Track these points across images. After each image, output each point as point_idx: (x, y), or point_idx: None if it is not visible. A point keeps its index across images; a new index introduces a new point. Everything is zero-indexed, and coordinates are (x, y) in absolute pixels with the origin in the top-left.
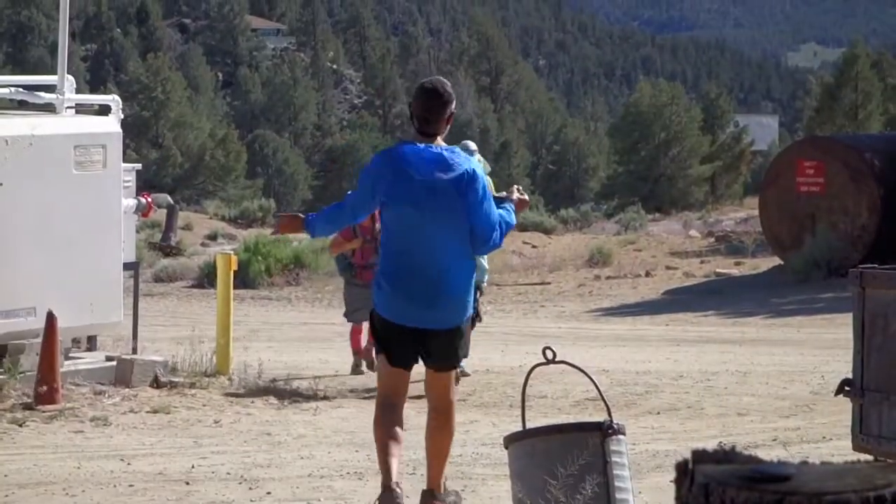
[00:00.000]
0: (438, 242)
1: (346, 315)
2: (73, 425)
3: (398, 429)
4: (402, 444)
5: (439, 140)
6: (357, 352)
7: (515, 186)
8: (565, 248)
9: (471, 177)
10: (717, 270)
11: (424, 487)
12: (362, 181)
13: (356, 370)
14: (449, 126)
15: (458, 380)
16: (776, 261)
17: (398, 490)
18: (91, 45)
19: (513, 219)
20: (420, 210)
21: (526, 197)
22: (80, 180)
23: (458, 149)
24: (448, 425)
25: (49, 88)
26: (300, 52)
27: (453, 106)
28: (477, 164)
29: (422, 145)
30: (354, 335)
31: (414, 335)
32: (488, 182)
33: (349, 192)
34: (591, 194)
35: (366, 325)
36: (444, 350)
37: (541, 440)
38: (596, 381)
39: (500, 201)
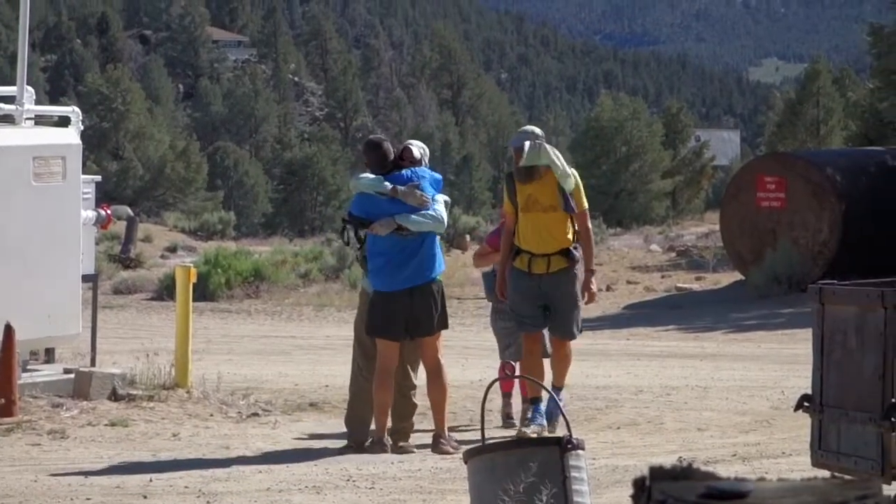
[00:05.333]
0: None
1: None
2: (30, 438)
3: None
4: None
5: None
6: (508, 393)
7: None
8: None
9: (430, 175)
10: (678, 285)
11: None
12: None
13: (506, 420)
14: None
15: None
16: (737, 276)
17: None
18: (51, 56)
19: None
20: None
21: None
22: (39, 192)
23: (415, 169)
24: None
25: (8, 99)
26: (261, 64)
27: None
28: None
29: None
30: (502, 371)
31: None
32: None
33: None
34: None
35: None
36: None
37: (500, 455)
38: (556, 396)
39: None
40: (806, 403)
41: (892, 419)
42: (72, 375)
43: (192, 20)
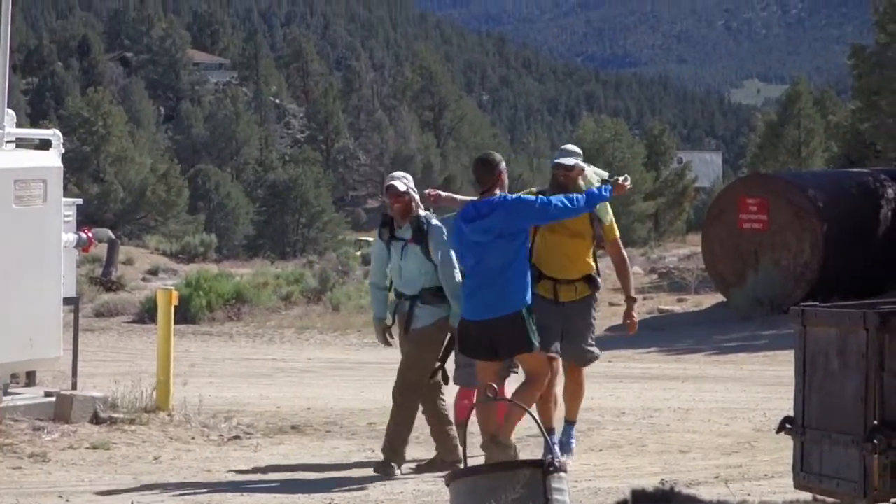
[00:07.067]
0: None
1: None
2: (11, 461)
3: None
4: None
5: (495, 191)
6: (462, 424)
7: (625, 175)
8: None
9: (512, 202)
10: (660, 307)
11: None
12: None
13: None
14: (500, 181)
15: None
16: (719, 297)
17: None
18: (32, 79)
19: (605, 193)
20: (470, 247)
21: (627, 185)
22: (20, 215)
23: (504, 195)
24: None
25: None
26: (243, 87)
27: (501, 166)
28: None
29: (478, 199)
30: (460, 401)
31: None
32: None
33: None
34: None
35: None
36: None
37: (483, 477)
38: (537, 419)
39: (604, 183)
40: (788, 425)
41: (875, 441)
42: (53, 399)
43: (173, 43)
